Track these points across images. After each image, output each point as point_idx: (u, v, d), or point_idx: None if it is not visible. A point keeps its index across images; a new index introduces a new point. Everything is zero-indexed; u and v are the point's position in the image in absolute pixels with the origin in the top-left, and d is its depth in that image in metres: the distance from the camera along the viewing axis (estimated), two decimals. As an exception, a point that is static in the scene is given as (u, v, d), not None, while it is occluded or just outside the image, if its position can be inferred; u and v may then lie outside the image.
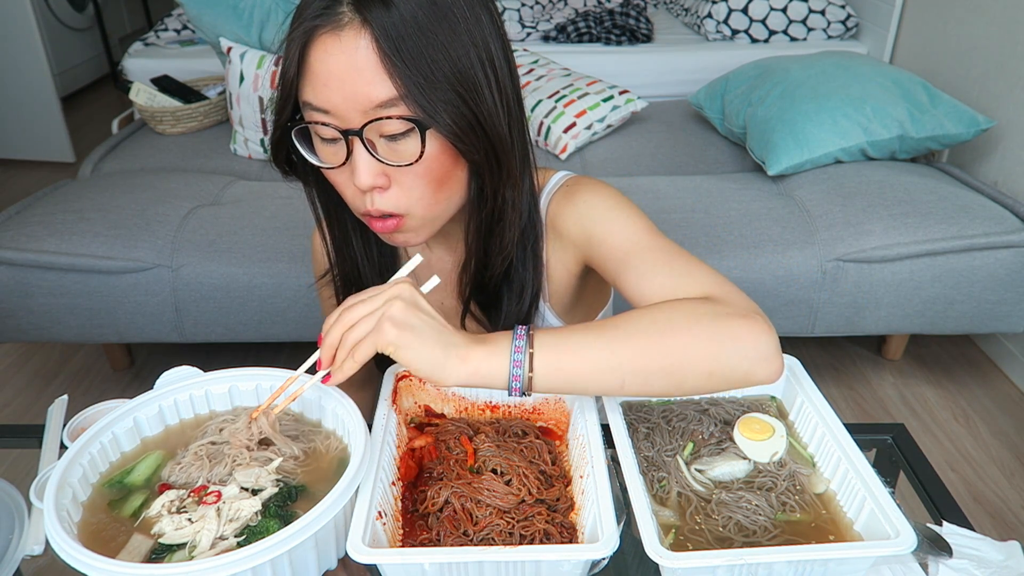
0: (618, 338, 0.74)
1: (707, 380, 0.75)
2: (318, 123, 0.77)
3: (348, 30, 0.73)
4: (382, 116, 0.74)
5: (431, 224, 0.85)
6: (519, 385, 0.72)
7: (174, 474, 0.74)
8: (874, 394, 2.24)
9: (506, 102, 0.82)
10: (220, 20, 2.52)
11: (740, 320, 0.75)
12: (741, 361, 0.75)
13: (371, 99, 0.74)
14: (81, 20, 4.47)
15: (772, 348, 0.75)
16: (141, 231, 1.95)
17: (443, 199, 0.83)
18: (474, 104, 0.77)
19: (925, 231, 1.93)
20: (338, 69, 0.74)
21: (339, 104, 0.75)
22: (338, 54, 0.74)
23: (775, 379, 0.76)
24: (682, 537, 0.70)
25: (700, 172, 2.49)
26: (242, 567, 0.60)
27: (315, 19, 0.75)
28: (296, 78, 0.77)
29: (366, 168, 0.77)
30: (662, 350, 0.74)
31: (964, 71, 2.47)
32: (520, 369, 0.72)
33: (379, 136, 0.77)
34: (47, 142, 3.73)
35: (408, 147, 0.77)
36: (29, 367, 2.36)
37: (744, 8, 3.12)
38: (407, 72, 0.73)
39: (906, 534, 0.64)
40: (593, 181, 0.96)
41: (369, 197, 0.80)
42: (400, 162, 0.77)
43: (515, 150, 0.85)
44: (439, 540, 0.71)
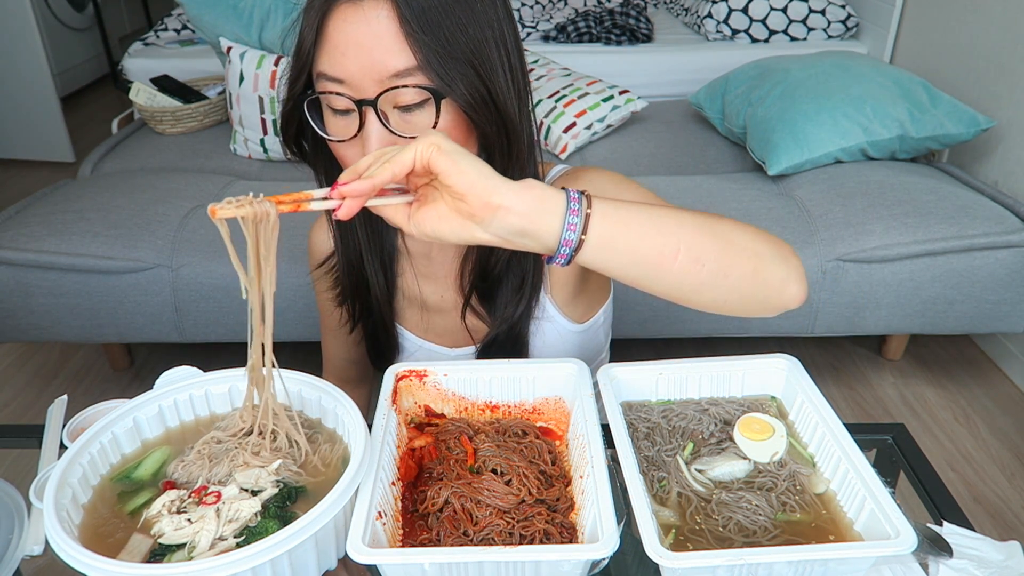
0: (677, 214, 0.70)
1: (752, 277, 0.72)
2: (332, 93, 0.77)
3: (369, 0, 0.74)
4: (398, 85, 0.75)
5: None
6: (568, 251, 0.66)
7: (178, 471, 0.75)
8: (874, 394, 2.24)
9: (517, 87, 0.83)
10: (220, 20, 2.52)
11: (780, 242, 0.77)
12: (781, 267, 0.74)
13: (388, 68, 0.75)
14: (81, 20, 4.47)
15: (802, 270, 0.76)
16: (141, 231, 1.95)
17: None
18: (488, 80, 0.78)
19: (925, 231, 1.93)
20: (357, 37, 0.75)
21: (355, 73, 0.75)
22: (358, 22, 0.74)
23: (801, 302, 0.75)
24: (682, 537, 0.70)
25: (700, 172, 2.49)
26: (242, 567, 0.60)
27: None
28: (312, 48, 0.78)
29: (378, 138, 0.77)
30: (717, 232, 0.71)
31: (964, 71, 2.47)
32: (573, 233, 0.65)
33: (393, 107, 0.77)
34: (47, 142, 3.74)
35: (422, 119, 0.78)
36: (29, 367, 2.36)
37: (744, 8, 3.12)
38: (426, 41, 0.74)
39: (906, 534, 0.64)
40: (594, 168, 0.97)
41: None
42: (413, 133, 0.78)
43: (524, 134, 0.85)
44: (439, 540, 0.71)
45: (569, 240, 0.65)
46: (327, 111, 0.81)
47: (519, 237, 0.66)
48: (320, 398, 0.80)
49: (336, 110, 0.80)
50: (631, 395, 0.88)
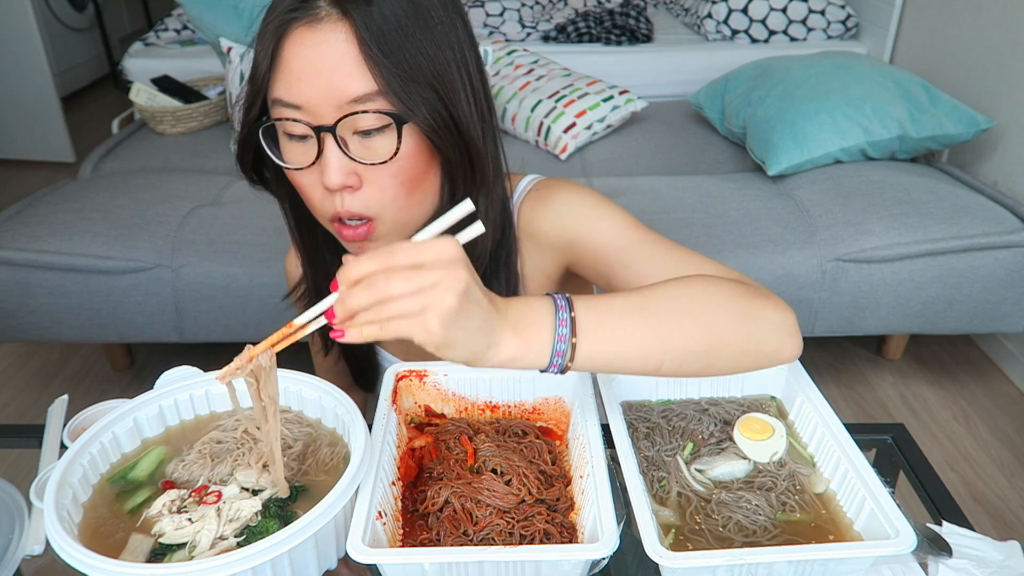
0: (659, 322, 0.70)
1: (741, 358, 0.74)
2: (288, 119, 0.75)
3: (326, 22, 0.72)
4: (358, 110, 0.73)
5: (402, 231, 0.82)
6: (557, 371, 0.67)
7: (178, 471, 0.75)
8: (874, 394, 2.24)
9: (480, 109, 0.81)
10: (220, 20, 2.52)
11: (766, 298, 0.76)
12: (771, 337, 0.74)
13: (347, 93, 0.73)
14: (81, 20, 4.47)
15: (794, 324, 0.76)
16: (141, 231, 1.95)
17: (416, 203, 0.81)
18: (451, 104, 0.77)
19: (925, 231, 1.93)
20: (314, 61, 0.72)
21: (312, 98, 0.73)
22: (315, 46, 0.72)
23: (797, 355, 0.77)
24: (682, 537, 0.70)
25: (700, 172, 2.49)
26: (242, 567, 0.60)
27: (291, 12, 0.73)
28: (268, 73, 0.75)
29: (337, 165, 0.75)
30: (701, 331, 0.71)
31: (964, 71, 2.47)
32: (561, 359, 0.66)
33: (352, 133, 0.75)
34: (47, 142, 3.74)
35: (382, 144, 0.76)
36: (29, 367, 2.36)
37: (744, 8, 3.12)
38: (387, 65, 0.72)
39: (906, 534, 0.64)
40: (565, 182, 0.94)
41: (339, 197, 0.77)
42: (373, 160, 0.76)
43: (488, 158, 0.83)
44: (439, 540, 0.71)
45: (556, 364, 0.66)
46: (283, 138, 0.79)
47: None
48: (320, 398, 0.80)
49: (293, 136, 0.77)
50: (631, 395, 0.88)
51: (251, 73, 0.78)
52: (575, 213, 0.90)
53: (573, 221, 0.90)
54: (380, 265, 0.57)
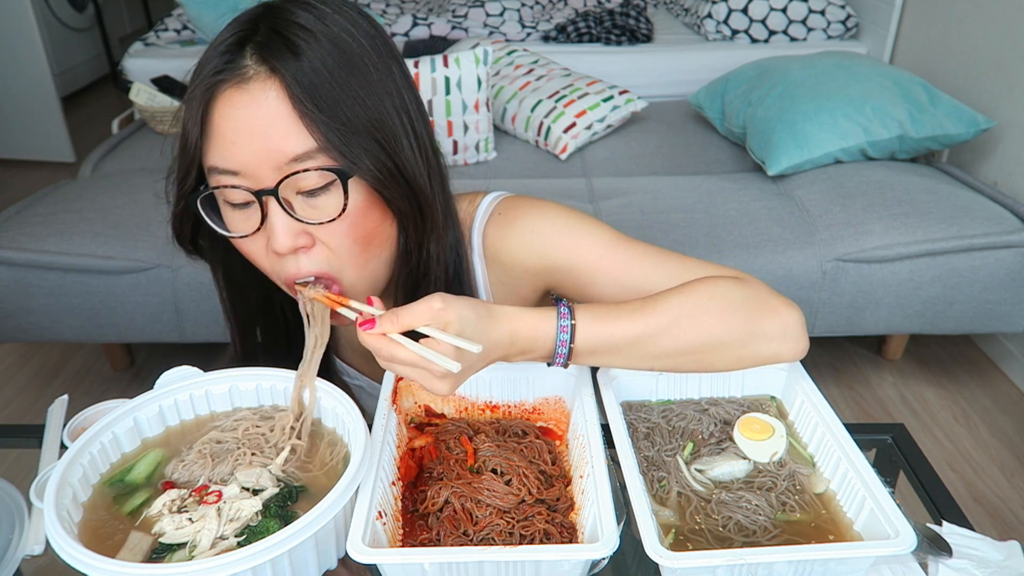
0: (655, 335, 0.75)
1: (736, 363, 0.78)
2: (226, 187, 0.72)
3: (255, 82, 0.69)
4: (299, 170, 0.70)
5: (372, 288, 0.82)
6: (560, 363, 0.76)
7: (177, 471, 0.75)
8: (874, 394, 2.24)
9: (424, 154, 0.79)
10: (220, 20, 2.51)
11: (768, 302, 0.78)
12: (769, 342, 0.77)
13: (285, 153, 0.70)
14: (81, 20, 4.47)
15: (798, 328, 0.78)
16: (141, 231, 1.95)
17: (373, 257, 0.79)
18: (393, 152, 0.74)
19: (925, 231, 1.93)
20: (247, 124, 0.69)
21: (249, 162, 0.70)
22: (246, 108, 0.69)
23: (801, 356, 0.79)
24: (682, 537, 0.70)
25: (700, 172, 2.49)
26: (242, 567, 0.60)
27: (217, 73, 0.70)
28: (199, 140, 0.72)
29: (284, 229, 0.72)
30: (694, 339, 0.75)
31: (964, 71, 2.47)
32: (562, 359, 0.75)
33: (295, 193, 0.73)
34: (47, 142, 3.73)
35: (329, 202, 0.73)
36: (29, 367, 2.36)
37: (744, 8, 3.12)
38: (324, 120, 0.69)
39: (906, 534, 0.64)
40: (530, 203, 0.90)
41: (293, 261, 0.75)
42: (322, 219, 0.73)
43: (437, 202, 0.81)
44: (439, 540, 0.71)
45: (559, 363, 0.76)
46: (224, 206, 0.75)
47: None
48: (320, 398, 0.80)
49: (234, 204, 0.74)
50: (631, 395, 0.88)
51: (181, 142, 0.74)
52: (551, 239, 0.87)
53: (550, 248, 0.87)
54: (384, 355, 0.67)
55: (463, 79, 2.38)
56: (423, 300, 0.67)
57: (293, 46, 0.70)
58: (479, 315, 0.70)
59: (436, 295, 0.68)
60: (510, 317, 0.73)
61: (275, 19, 0.73)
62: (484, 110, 2.44)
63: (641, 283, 0.83)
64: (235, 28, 0.74)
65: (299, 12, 0.73)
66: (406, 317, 0.67)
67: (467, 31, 3.30)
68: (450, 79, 2.38)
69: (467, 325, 0.68)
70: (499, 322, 0.72)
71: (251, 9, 0.75)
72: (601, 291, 0.86)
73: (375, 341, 0.67)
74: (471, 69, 2.38)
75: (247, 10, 0.75)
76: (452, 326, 0.67)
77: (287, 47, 0.70)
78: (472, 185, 1.02)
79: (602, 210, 2.11)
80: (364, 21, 0.77)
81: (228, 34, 0.73)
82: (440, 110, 2.41)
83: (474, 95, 2.41)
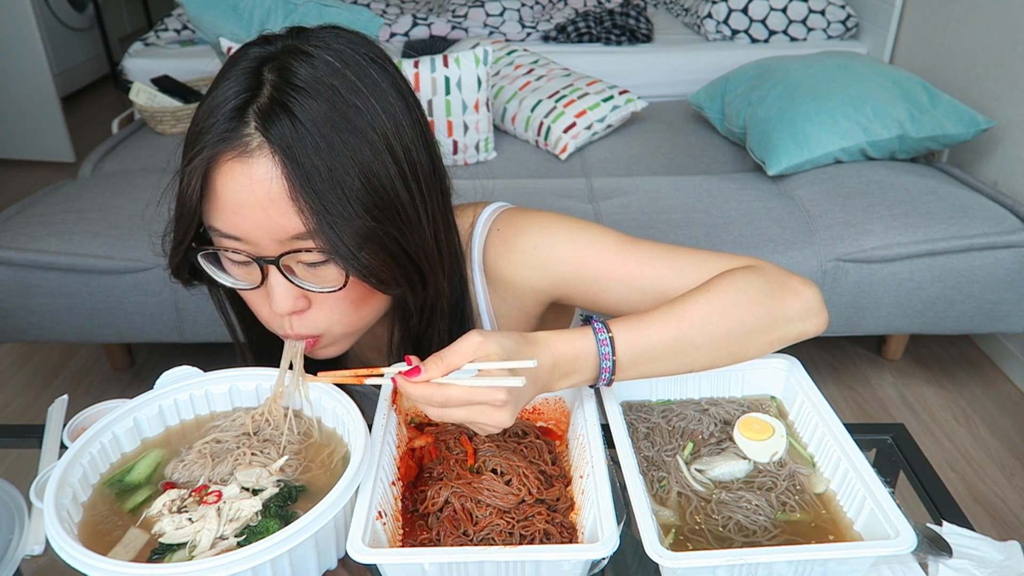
0: (691, 334, 0.76)
1: (768, 347, 0.80)
2: (229, 249, 0.73)
3: (256, 157, 0.69)
4: (299, 248, 0.71)
5: (351, 338, 0.82)
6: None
7: (177, 471, 0.75)
8: (874, 394, 2.24)
9: (431, 205, 0.77)
10: (220, 20, 2.52)
11: (787, 284, 0.80)
12: (795, 322, 0.80)
13: (286, 230, 0.70)
14: (81, 20, 4.47)
15: (818, 303, 0.80)
16: (141, 231, 1.95)
17: (365, 315, 0.80)
18: (395, 229, 0.73)
19: (925, 231, 1.93)
20: (249, 199, 0.69)
21: (251, 232, 0.70)
22: (247, 185, 0.69)
23: (824, 329, 0.82)
24: (682, 537, 0.70)
25: (700, 172, 2.49)
26: (242, 567, 0.60)
27: (218, 143, 0.69)
28: (199, 203, 0.72)
29: (283, 294, 0.73)
30: (727, 332, 0.77)
31: (964, 71, 2.47)
32: (608, 374, 0.75)
33: (297, 263, 0.73)
34: (47, 142, 3.73)
35: (329, 273, 0.74)
36: (29, 367, 2.36)
37: (744, 8, 3.12)
38: (320, 209, 0.68)
39: (906, 534, 0.64)
40: (528, 217, 0.89)
41: (287, 321, 0.76)
42: (322, 288, 0.74)
43: (443, 257, 0.80)
44: (439, 540, 0.71)
45: (603, 380, 0.76)
46: (225, 259, 0.76)
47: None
48: (320, 398, 0.80)
49: (235, 261, 0.75)
50: (631, 395, 0.88)
51: (179, 203, 0.73)
52: (554, 254, 0.86)
53: (554, 263, 0.86)
54: (437, 400, 0.67)
55: (463, 79, 2.38)
56: (461, 339, 0.68)
57: (293, 117, 0.69)
58: (518, 342, 0.70)
59: (473, 331, 0.68)
60: (548, 341, 0.73)
61: (278, 76, 0.71)
62: (484, 110, 2.44)
63: (656, 284, 0.83)
64: (238, 84, 0.71)
65: (299, 69, 0.71)
66: (451, 357, 0.67)
67: (467, 31, 3.30)
68: (450, 79, 2.38)
69: (511, 353, 0.68)
70: (538, 347, 0.71)
71: (254, 55, 0.73)
72: (614, 297, 0.85)
73: (422, 390, 0.67)
74: (471, 69, 2.38)
75: (250, 54, 0.73)
76: (496, 357, 0.67)
77: (288, 118, 0.69)
78: (472, 185, 1.01)
79: (602, 210, 2.11)
80: (368, 60, 0.74)
81: (231, 91, 0.71)
82: (440, 110, 2.41)
83: (474, 95, 2.41)
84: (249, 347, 0.94)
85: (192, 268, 0.80)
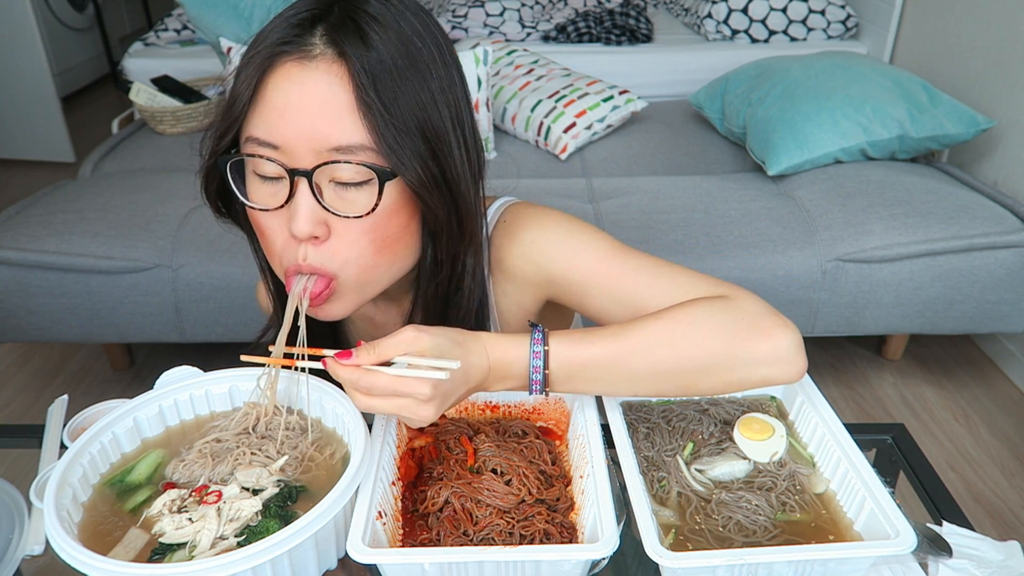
0: (631, 359, 0.74)
1: (724, 387, 0.77)
2: (262, 158, 0.70)
3: (321, 61, 0.68)
4: (340, 159, 0.69)
5: (361, 292, 0.78)
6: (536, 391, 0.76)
7: (177, 471, 0.75)
8: (874, 394, 2.24)
9: (472, 168, 0.78)
10: (220, 20, 2.52)
11: (758, 324, 0.75)
12: (759, 366, 0.75)
13: (330, 140, 0.68)
14: (81, 20, 4.47)
15: (791, 349, 0.75)
16: (141, 231, 1.95)
17: (383, 263, 0.76)
18: (444, 159, 0.73)
19: (925, 231, 1.93)
20: (301, 101, 0.68)
21: (291, 139, 0.69)
22: (303, 84, 0.68)
23: (797, 379, 0.77)
24: (682, 537, 0.70)
25: (700, 172, 2.49)
26: (242, 567, 0.60)
27: (282, 44, 0.68)
28: (247, 105, 0.70)
29: (308, 214, 0.70)
30: (672, 364, 0.75)
31: (964, 71, 2.47)
32: (538, 386, 0.75)
33: (328, 181, 0.71)
34: (47, 142, 3.73)
35: (360, 197, 0.71)
36: (29, 367, 2.36)
37: (744, 8, 3.12)
38: (383, 116, 0.68)
39: (906, 534, 0.64)
40: (533, 211, 0.89)
41: (303, 249, 0.72)
42: (349, 213, 0.71)
43: (478, 216, 0.80)
44: (439, 540, 0.71)
45: (535, 390, 0.75)
46: (251, 176, 0.73)
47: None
48: (320, 398, 0.80)
49: (264, 176, 0.72)
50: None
51: (227, 103, 0.71)
52: (547, 251, 0.86)
53: (546, 260, 0.86)
54: (362, 386, 0.67)
55: (463, 79, 2.38)
56: (397, 332, 0.68)
57: (364, 35, 0.69)
58: (455, 341, 0.70)
59: (409, 326, 0.69)
60: (485, 343, 0.73)
61: (349, 4, 0.72)
62: (484, 110, 2.44)
63: (633, 297, 0.82)
64: (310, 3, 0.72)
65: (374, 2, 0.72)
66: (383, 348, 0.67)
67: (467, 31, 3.30)
68: (450, 79, 2.38)
69: (444, 351, 0.69)
70: (475, 347, 0.72)
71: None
72: (596, 304, 0.85)
73: (350, 373, 0.67)
74: (471, 69, 2.38)
75: None
76: (428, 353, 0.68)
77: (359, 35, 0.69)
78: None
79: (602, 210, 2.11)
80: (434, 27, 0.76)
81: (301, 7, 0.72)
82: (440, 110, 2.41)
83: (474, 95, 2.41)
84: (276, 295, 0.91)
85: (220, 192, 0.79)
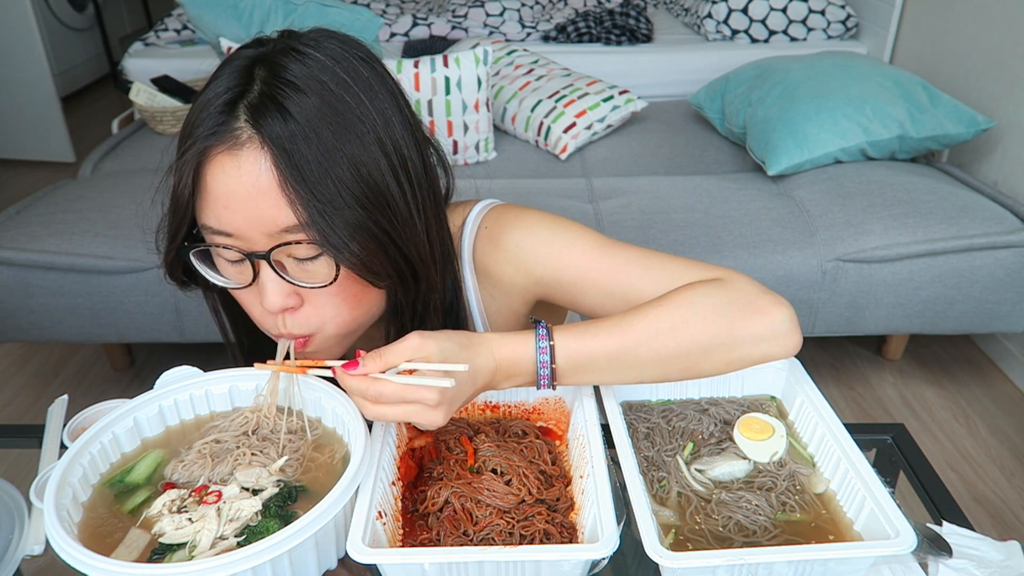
0: (636, 348, 0.75)
1: (726, 366, 0.78)
2: (220, 246, 0.73)
3: (247, 150, 0.69)
4: (290, 241, 0.71)
5: (345, 340, 0.82)
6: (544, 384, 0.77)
7: (177, 472, 0.75)
8: (874, 394, 2.24)
9: (422, 202, 0.78)
10: (220, 20, 2.52)
11: (754, 303, 0.77)
12: (758, 343, 0.77)
13: (276, 223, 0.70)
14: (81, 20, 4.47)
15: (787, 324, 0.77)
16: (141, 231, 1.95)
17: (359, 315, 0.80)
18: (387, 221, 0.74)
19: (925, 231, 1.93)
20: (238, 191, 0.69)
21: (241, 226, 0.71)
22: (237, 176, 0.69)
23: (794, 353, 0.79)
24: (682, 537, 0.70)
25: (700, 172, 2.49)
26: (242, 567, 0.60)
27: (209, 137, 0.70)
28: (191, 199, 0.72)
29: (275, 290, 0.73)
30: (675, 348, 0.75)
31: (964, 71, 2.47)
32: (545, 381, 0.76)
33: (287, 256, 0.73)
34: (47, 142, 3.73)
35: (320, 268, 0.74)
36: (29, 367, 2.36)
37: (744, 8, 3.12)
38: (310, 198, 0.69)
39: (906, 534, 0.64)
40: (514, 214, 0.90)
41: (280, 319, 0.76)
42: (313, 283, 0.74)
43: (435, 254, 0.81)
44: (439, 540, 0.71)
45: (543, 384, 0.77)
46: (217, 256, 0.76)
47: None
48: (320, 398, 0.80)
49: (227, 259, 0.75)
50: (631, 395, 0.88)
51: (172, 199, 0.74)
52: (534, 254, 0.86)
53: (534, 263, 0.86)
54: (370, 395, 0.68)
55: (463, 79, 2.38)
56: (402, 339, 0.69)
57: (283, 112, 0.69)
58: (460, 344, 0.71)
59: (414, 332, 0.70)
60: (491, 343, 0.74)
61: (268, 73, 0.71)
62: (484, 110, 2.44)
63: (627, 291, 0.83)
64: (230, 80, 0.72)
65: (290, 65, 0.72)
66: (389, 355, 0.68)
67: (467, 31, 3.30)
68: (450, 79, 2.38)
69: (449, 355, 0.70)
70: (481, 348, 0.73)
71: (246, 55, 0.74)
72: (590, 300, 0.85)
73: (358, 383, 0.68)
74: (471, 69, 2.38)
75: (243, 54, 0.74)
76: (435, 358, 0.69)
77: (278, 111, 0.69)
78: (472, 185, 1.02)
79: (602, 210, 2.11)
80: (359, 62, 0.75)
81: (222, 87, 0.72)
82: (440, 110, 2.41)
83: (474, 95, 2.41)
84: (240, 350, 0.94)
85: (186, 269, 0.81)
